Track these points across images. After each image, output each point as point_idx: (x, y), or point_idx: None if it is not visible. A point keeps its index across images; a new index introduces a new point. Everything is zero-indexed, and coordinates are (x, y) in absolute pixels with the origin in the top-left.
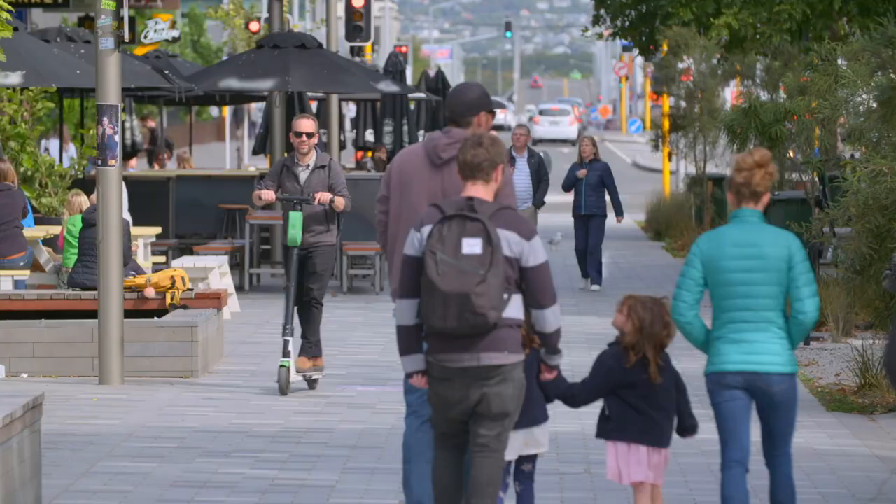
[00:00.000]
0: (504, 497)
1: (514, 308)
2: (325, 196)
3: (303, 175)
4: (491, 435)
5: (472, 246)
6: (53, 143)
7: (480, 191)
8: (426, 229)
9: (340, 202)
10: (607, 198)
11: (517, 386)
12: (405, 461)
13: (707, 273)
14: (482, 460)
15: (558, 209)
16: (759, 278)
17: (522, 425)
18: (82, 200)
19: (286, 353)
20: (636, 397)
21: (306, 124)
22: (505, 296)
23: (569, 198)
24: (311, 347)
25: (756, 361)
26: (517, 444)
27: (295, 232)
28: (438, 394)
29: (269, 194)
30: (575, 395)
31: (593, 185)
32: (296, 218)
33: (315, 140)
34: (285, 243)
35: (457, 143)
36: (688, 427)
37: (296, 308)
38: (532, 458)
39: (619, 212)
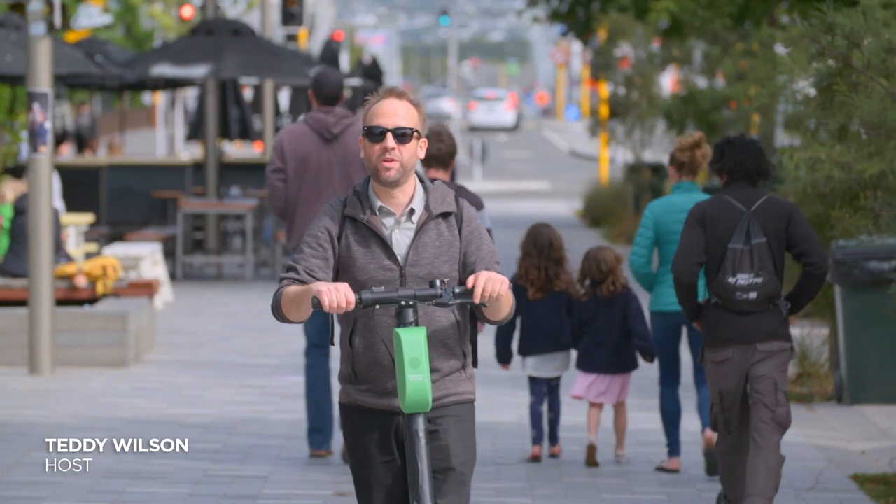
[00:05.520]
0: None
1: None
2: (497, 283)
3: (400, 237)
4: None
5: None
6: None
7: (441, 174)
8: None
9: (510, 296)
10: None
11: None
12: (308, 391)
13: (658, 233)
14: None
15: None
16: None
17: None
18: (13, 188)
19: None
20: (589, 332)
21: (396, 109)
22: None
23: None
24: None
25: None
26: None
27: (422, 380)
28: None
29: (340, 293)
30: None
31: None
32: (416, 342)
33: (416, 154)
34: (388, 406)
35: (343, 120)
36: (642, 349)
37: None
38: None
39: None
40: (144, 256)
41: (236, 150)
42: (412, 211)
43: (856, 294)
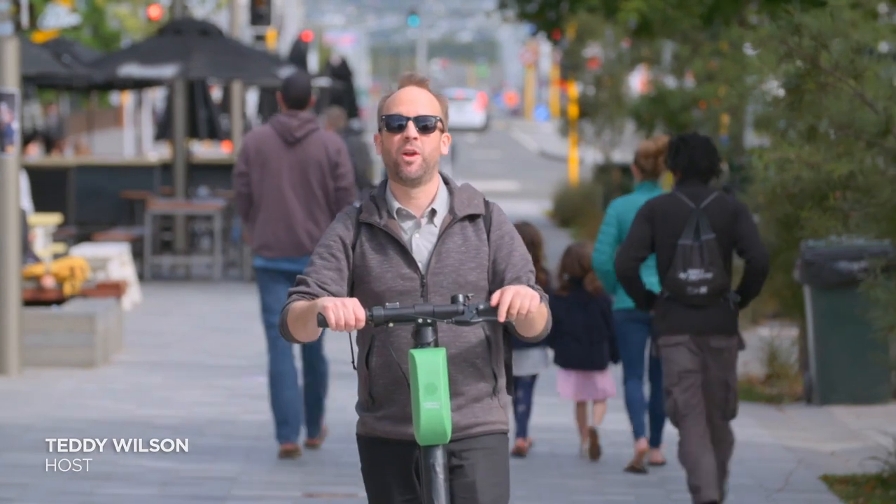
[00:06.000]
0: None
1: None
2: (526, 298)
3: (421, 242)
4: None
5: None
6: None
7: None
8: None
9: (543, 311)
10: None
11: None
12: (272, 386)
13: (621, 230)
14: None
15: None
16: None
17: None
18: None
19: None
20: (567, 330)
21: (417, 97)
22: None
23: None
24: None
25: None
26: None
27: (438, 408)
28: None
29: (348, 310)
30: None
31: None
32: (432, 365)
33: (440, 149)
34: (407, 436)
35: (307, 124)
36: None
37: None
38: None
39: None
40: (112, 257)
41: (205, 150)
42: (433, 212)
43: (825, 294)
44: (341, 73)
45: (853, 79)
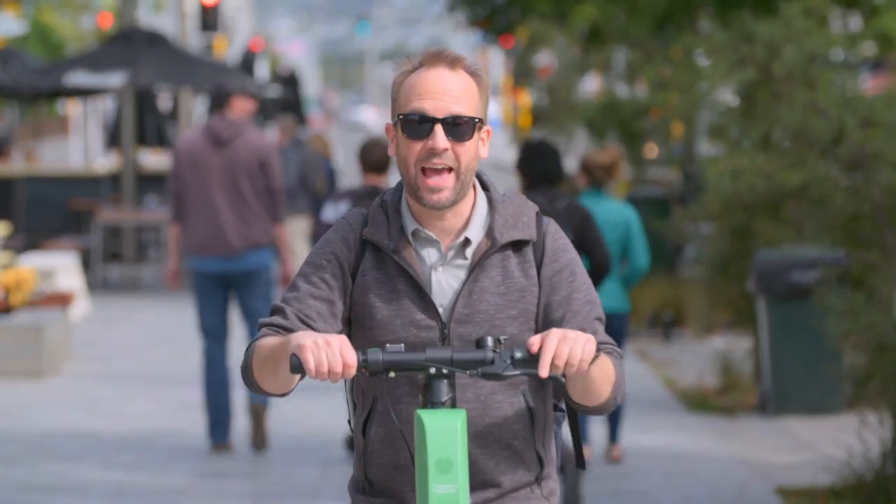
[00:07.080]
0: None
1: None
2: (578, 344)
3: (445, 279)
4: None
5: None
6: None
7: (379, 180)
8: (342, 204)
9: (607, 369)
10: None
11: None
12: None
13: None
14: None
15: None
16: (608, 238)
17: None
18: None
19: None
20: None
21: (448, 86)
22: None
23: None
24: None
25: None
26: None
27: (454, 492)
28: None
29: (333, 350)
30: None
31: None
32: (447, 433)
33: (478, 154)
34: None
35: (233, 126)
36: None
37: None
38: None
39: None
40: (60, 267)
41: (154, 159)
42: (467, 242)
43: (779, 304)
44: (291, 81)
45: (806, 87)
